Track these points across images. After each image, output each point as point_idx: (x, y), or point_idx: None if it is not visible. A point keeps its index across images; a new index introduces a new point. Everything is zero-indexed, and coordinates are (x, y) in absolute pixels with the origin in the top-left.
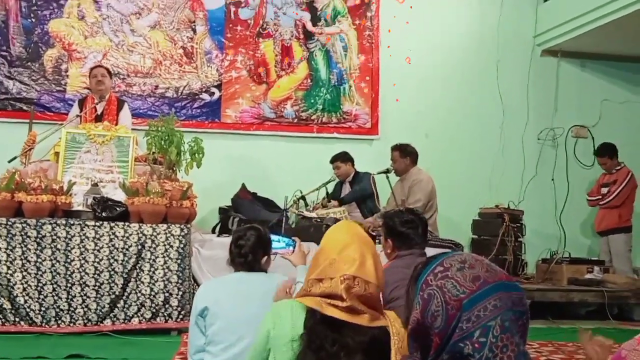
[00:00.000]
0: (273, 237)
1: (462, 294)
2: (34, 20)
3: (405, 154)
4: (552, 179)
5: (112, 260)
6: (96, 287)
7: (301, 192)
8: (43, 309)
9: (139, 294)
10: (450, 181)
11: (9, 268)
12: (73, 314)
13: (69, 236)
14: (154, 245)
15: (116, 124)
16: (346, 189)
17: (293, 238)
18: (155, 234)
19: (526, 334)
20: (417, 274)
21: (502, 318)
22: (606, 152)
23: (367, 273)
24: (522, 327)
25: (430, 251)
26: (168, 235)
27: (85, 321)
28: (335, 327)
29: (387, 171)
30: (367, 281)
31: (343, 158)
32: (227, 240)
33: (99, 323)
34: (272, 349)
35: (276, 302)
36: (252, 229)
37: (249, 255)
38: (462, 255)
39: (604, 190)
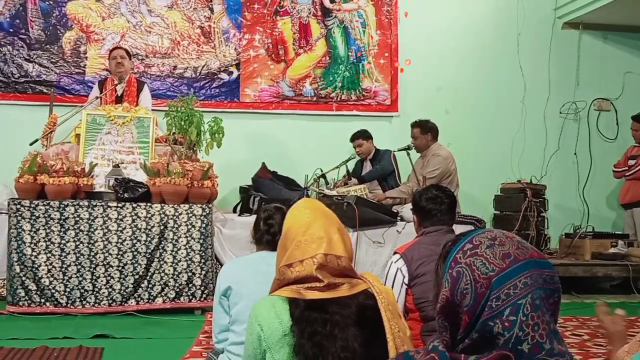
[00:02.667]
0: None
1: (492, 272)
2: (51, 2)
3: (426, 130)
4: (575, 153)
5: (135, 241)
6: (120, 268)
7: (321, 171)
8: (68, 289)
9: (162, 274)
10: (471, 157)
11: (33, 250)
12: (97, 294)
13: (91, 217)
14: (176, 226)
15: (136, 106)
16: (367, 167)
17: None
18: (177, 214)
19: (557, 313)
20: (446, 251)
21: (532, 296)
22: None
23: (336, 248)
24: (553, 305)
25: (454, 228)
26: (190, 215)
27: (110, 301)
28: (321, 308)
29: (407, 148)
30: (338, 256)
31: (364, 135)
32: (248, 219)
33: (123, 303)
34: (267, 350)
35: (254, 304)
36: (279, 208)
37: (277, 235)
38: (492, 232)
39: (632, 162)
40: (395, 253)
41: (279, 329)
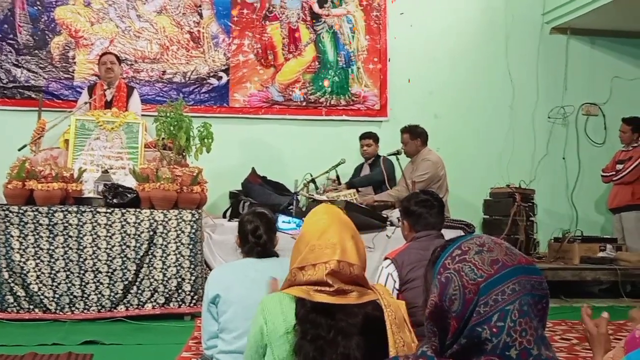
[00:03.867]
0: (284, 218)
1: (480, 278)
2: (40, 7)
3: (415, 136)
4: (563, 158)
5: (124, 247)
6: (109, 274)
7: (311, 175)
8: (57, 296)
9: (151, 280)
10: (460, 161)
11: (21, 256)
12: (87, 300)
13: (80, 223)
14: (165, 231)
15: (126, 111)
16: (366, 171)
17: (303, 219)
18: (166, 219)
19: (545, 318)
20: (435, 257)
21: (520, 302)
22: (633, 122)
23: (349, 256)
24: (541, 311)
25: (443, 232)
26: (179, 220)
27: (99, 307)
28: (328, 313)
29: (397, 153)
30: (350, 264)
31: (375, 137)
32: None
33: (112, 309)
34: (268, 345)
35: (264, 297)
36: (262, 214)
37: (267, 244)
38: (481, 238)
39: (619, 166)
40: (385, 258)
41: (282, 326)
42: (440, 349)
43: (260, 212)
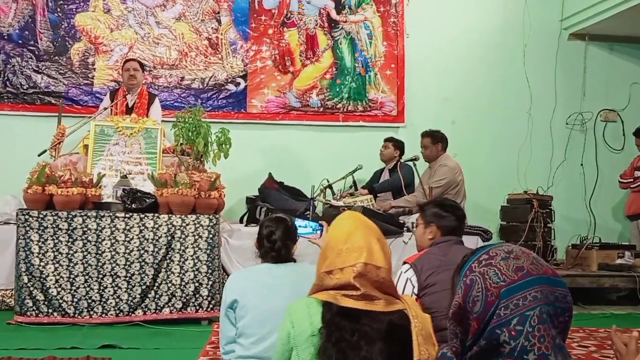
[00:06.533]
0: (300, 222)
1: (503, 282)
2: (60, 14)
3: (436, 141)
4: (581, 164)
5: (142, 251)
6: (127, 278)
7: (328, 181)
8: (75, 300)
9: (169, 284)
10: (478, 168)
11: (41, 260)
12: (105, 304)
13: (99, 228)
14: (183, 236)
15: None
16: (385, 176)
17: (320, 222)
18: (184, 224)
19: (566, 332)
20: (462, 262)
21: (541, 310)
22: None
23: (376, 258)
24: (562, 324)
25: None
26: (197, 225)
27: (117, 312)
28: (353, 317)
29: (414, 159)
30: (377, 267)
31: (395, 142)
32: (255, 230)
33: (130, 313)
34: (294, 348)
35: (292, 302)
36: (281, 220)
37: (282, 249)
38: (510, 247)
39: (638, 173)
40: (404, 263)
41: (309, 329)
42: (460, 351)
43: (280, 218)
